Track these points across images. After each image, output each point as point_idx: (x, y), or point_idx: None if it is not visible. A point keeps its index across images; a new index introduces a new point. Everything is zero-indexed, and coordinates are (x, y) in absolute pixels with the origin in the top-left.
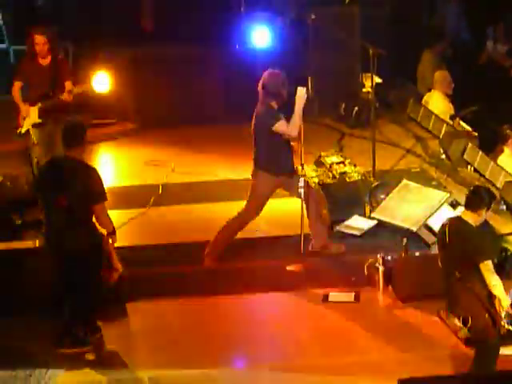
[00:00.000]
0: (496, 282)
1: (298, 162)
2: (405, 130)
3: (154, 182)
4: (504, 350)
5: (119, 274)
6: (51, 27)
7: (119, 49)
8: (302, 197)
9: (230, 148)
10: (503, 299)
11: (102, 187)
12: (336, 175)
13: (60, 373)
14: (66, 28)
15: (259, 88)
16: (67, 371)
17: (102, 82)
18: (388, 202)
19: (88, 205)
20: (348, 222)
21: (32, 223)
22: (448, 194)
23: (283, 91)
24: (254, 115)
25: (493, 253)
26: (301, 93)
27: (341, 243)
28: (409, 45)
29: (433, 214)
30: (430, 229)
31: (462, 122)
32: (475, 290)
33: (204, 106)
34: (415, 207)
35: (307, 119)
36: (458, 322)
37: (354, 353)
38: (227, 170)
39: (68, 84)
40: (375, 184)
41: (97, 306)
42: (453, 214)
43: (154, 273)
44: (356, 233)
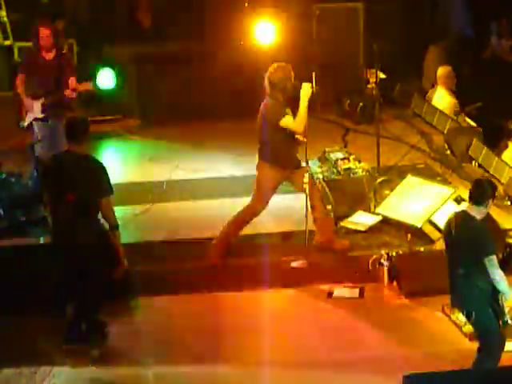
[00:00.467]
0: (500, 277)
1: (303, 157)
2: (409, 125)
3: (158, 179)
4: (508, 346)
5: (124, 270)
6: (56, 23)
7: (124, 45)
8: (307, 192)
9: (233, 145)
10: (507, 294)
11: (108, 180)
12: (340, 171)
13: (65, 370)
14: (71, 25)
15: (265, 82)
16: (72, 368)
17: (106, 78)
18: (392, 197)
19: (95, 199)
20: (352, 218)
21: (36, 220)
22: (453, 190)
23: (289, 85)
24: (261, 109)
25: (497, 248)
26: (306, 88)
27: (345, 239)
28: (414, 40)
29: (437, 209)
30: (435, 225)
31: (466, 118)
32: (479, 284)
33: (208, 103)
34: (420, 203)
35: (311, 115)
36: (463, 317)
37: (358, 349)
38: (231, 166)
39: (72, 80)
40: (380, 180)
41: (101, 301)
42: (458, 209)
43: (158, 269)
44: (360, 228)
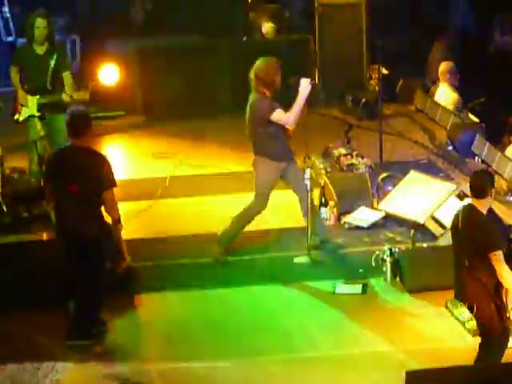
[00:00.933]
0: (506, 273)
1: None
2: (412, 121)
3: (161, 174)
4: (511, 342)
5: (127, 265)
6: (58, 19)
7: (127, 41)
8: (308, 188)
9: (237, 140)
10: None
11: (111, 173)
12: (343, 167)
13: (68, 366)
14: (74, 21)
15: (251, 76)
16: (75, 364)
17: (109, 74)
18: (395, 193)
19: (99, 191)
20: (355, 214)
21: (39, 216)
22: (455, 186)
23: (277, 79)
24: (248, 104)
25: (503, 243)
26: (304, 84)
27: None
28: (417, 36)
29: (440, 205)
30: (438, 221)
31: (469, 114)
32: (482, 279)
33: (211, 98)
34: (422, 199)
35: (314, 111)
36: (466, 313)
37: (361, 345)
38: (235, 162)
39: (66, 76)
40: (382, 176)
41: (102, 296)
42: (460, 205)
43: (162, 265)
44: (363, 225)
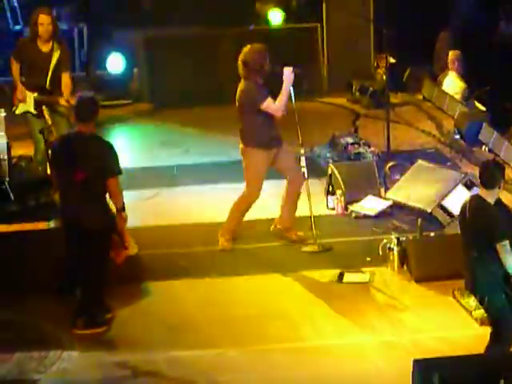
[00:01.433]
0: None
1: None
2: (419, 110)
3: (168, 163)
4: None
5: (129, 254)
6: (65, 8)
7: (134, 29)
8: (306, 176)
9: None
10: None
11: (116, 160)
12: (351, 156)
13: (74, 354)
14: (81, 9)
15: (239, 64)
16: (82, 352)
17: (116, 62)
18: (402, 182)
19: (104, 178)
20: (362, 203)
21: (46, 204)
22: (463, 175)
23: (265, 66)
24: (238, 91)
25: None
26: (287, 73)
27: (300, 231)
28: (424, 25)
29: (447, 194)
30: (445, 209)
31: (476, 102)
32: (492, 269)
33: (219, 87)
34: (430, 188)
35: (317, 99)
36: (473, 302)
37: (368, 333)
38: None
39: (65, 77)
40: (390, 164)
41: (105, 285)
42: (468, 194)
43: (169, 253)
44: (370, 213)
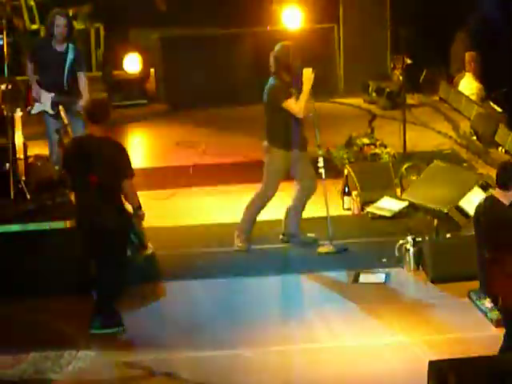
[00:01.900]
0: None
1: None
2: (436, 111)
3: (184, 163)
4: None
5: (148, 253)
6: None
7: (151, 29)
8: (323, 177)
9: (260, 129)
10: None
11: (129, 162)
12: (367, 156)
13: (90, 354)
14: (98, 9)
15: (271, 60)
16: (97, 352)
17: (133, 63)
18: (419, 183)
19: (118, 180)
20: (378, 204)
21: (62, 204)
22: (479, 176)
23: (296, 63)
24: (266, 89)
25: None
26: (307, 73)
27: (310, 233)
28: (441, 25)
29: (464, 195)
30: (461, 210)
31: (492, 103)
32: (506, 269)
33: (235, 87)
34: (446, 189)
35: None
36: (489, 304)
37: (383, 334)
38: (258, 151)
39: (81, 76)
40: (406, 165)
41: (123, 285)
42: (483, 195)
43: (185, 254)
44: (387, 214)
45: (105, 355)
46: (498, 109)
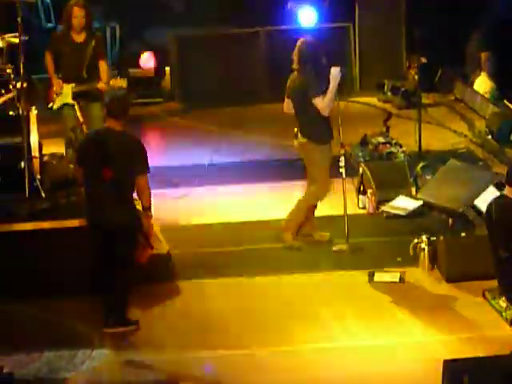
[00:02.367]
0: None
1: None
2: (451, 110)
3: (198, 162)
4: None
5: (168, 253)
6: (97, 6)
7: (166, 28)
8: (344, 176)
9: (276, 128)
10: None
11: (145, 159)
12: (382, 155)
13: (104, 353)
14: (113, 8)
15: (294, 55)
16: (111, 351)
17: (148, 61)
18: (434, 182)
19: (133, 176)
20: (393, 203)
21: (77, 202)
22: (494, 175)
23: (321, 58)
24: (291, 84)
25: None
26: (335, 72)
27: (325, 232)
28: (456, 25)
29: (479, 194)
30: (477, 209)
31: (507, 102)
32: None
33: (250, 86)
34: (461, 188)
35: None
36: (504, 303)
37: (398, 333)
38: (273, 150)
39: (102, 64)
40: (421, 164)
41: (134, 283)
42: (498, 194)
43: (199, 253)
44: (401, 213)
45: (119, 354)
46: None
